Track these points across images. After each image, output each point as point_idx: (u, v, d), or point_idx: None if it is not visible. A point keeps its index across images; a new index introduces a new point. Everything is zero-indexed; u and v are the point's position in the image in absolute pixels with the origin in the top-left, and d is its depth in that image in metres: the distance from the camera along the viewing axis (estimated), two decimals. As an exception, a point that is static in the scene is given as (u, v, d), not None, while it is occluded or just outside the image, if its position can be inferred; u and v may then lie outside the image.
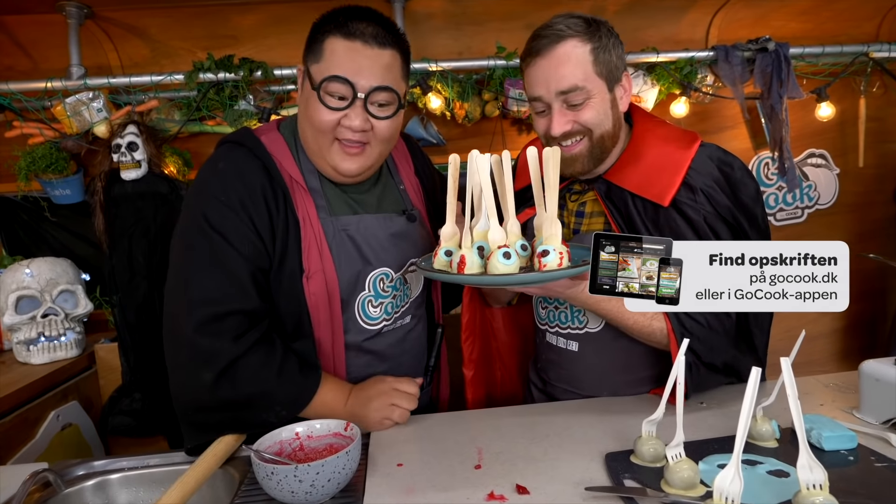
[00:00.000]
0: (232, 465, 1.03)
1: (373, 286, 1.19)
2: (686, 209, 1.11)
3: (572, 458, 0.95)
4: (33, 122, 2.03)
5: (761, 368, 0.74)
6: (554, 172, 0.94)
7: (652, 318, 1.08)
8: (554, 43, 1.10)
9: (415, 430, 1.11)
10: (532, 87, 1.14)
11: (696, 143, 1.16)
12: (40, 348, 1.89)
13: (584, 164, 1.16)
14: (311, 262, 1.10)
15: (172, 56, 2.16)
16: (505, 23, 2.19)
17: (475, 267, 0.96)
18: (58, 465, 1.05)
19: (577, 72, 1.09)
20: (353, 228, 1.16)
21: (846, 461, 0.87)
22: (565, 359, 1.26)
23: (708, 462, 0.88)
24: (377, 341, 1.21)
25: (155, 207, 2.03)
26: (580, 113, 1.11)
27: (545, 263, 0.92)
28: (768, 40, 2.16)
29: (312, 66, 1.09)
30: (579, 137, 1.13)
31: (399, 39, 1.11)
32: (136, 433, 2.02)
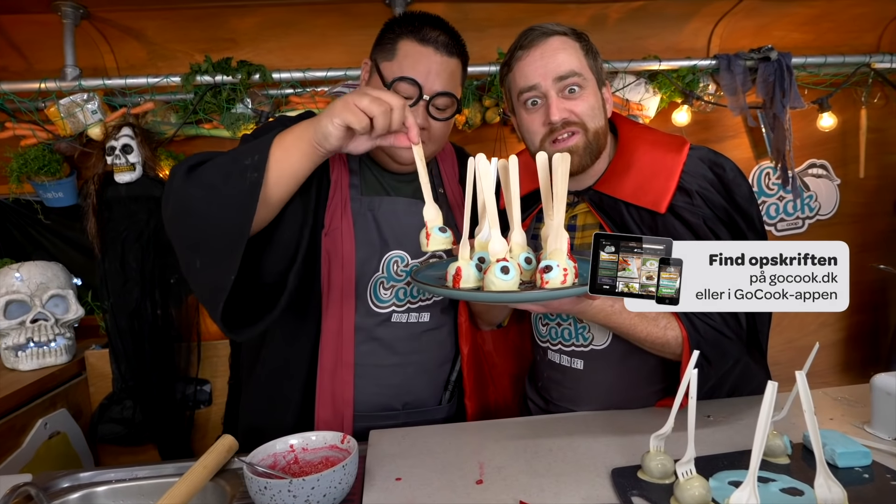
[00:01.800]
0: (223, 477, 0.99)
1: (387, 268, 1.20)
2: (684, 213, 1.09)
3: (577, 473, 0.92)
4: (26, 124, 1.99)
5: (776, 383, 0.71)
6: (563, 180, 0.89)
7: (665, 328, 1.05)
8: (546, 36, 1.12)
9: (414, 442, 1.07)
10: (526, 77, 1.12)
11: (686, 146, 1.15)
12: (29, 354, 1.84)
13: (582, 158, 1.13)
14: (332, 221, 1.15)
15: (169, 58, 2.13)
16: (506, 29, 2.16)
17: (471, 281, 0.89)
18: (41, 478, 1.01)
19: (573, 59, 1.11)
20: (378, 208, 1.20)
21: (861, 479, 0.84)
22: (569, 377, 1.22)
23: (718, 479, 0.84)
24: (386, 329, 1.20)
25: (149, 211, 2.00)
26: (576, 103, 1.10)
27: (547, 280, 0.85)
28: (770, 49, 2.15)
29: (383, 63, 1.15)
30: (575, 129, 1.11)
31: (463, 51, 1.19)
32: (126, 442, 1.98)
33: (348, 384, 1.17)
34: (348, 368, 1.17)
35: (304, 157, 0.98)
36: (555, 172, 0.89)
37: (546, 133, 1.12)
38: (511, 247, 0.93)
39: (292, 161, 0.98)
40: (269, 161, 0.96)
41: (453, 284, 0.90)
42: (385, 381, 1.22)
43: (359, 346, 1.18)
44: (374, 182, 1.23)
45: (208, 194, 0.97)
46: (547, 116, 1.10)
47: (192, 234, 1.00)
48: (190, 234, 1.00)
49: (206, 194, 0.97)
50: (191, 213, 0.98)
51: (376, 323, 1.20)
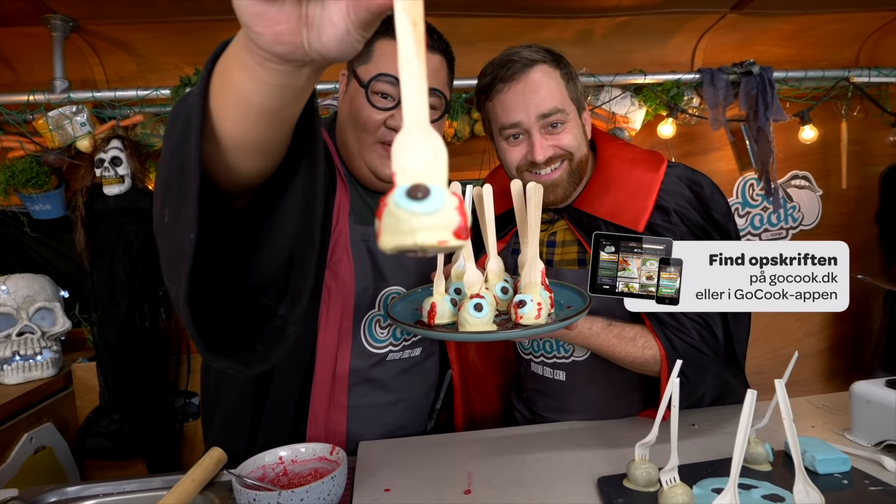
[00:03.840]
0: (212, 490, 0.99)
1: (383, 305, 1.14)
2: (662, 232, 1.10)
3: (564, 482, 0.93)
4: (14, 136, 1.99)
5: (756, 392, 0.73)
6: (536, 211, 0.89)
7: (644, 348, 1.06)
8: (527, 68, 1.09)
9: (403, 453, 1.08)
10: (507, 113, 1.10)
11: (664, 164, 1.16)
12: (14, 368, 1.82)
13: (565, 190, 1.14)
14: (333, 253, 1.07)
15: (159, 71, 2.14)
16: (494, 43, 2.19)
17: (446, 317, 0.90)
18: (28, 492, 1.01)
19: (555, 94, 1.10)
20: (374, 239, 1.12)
21: (840, 485, 0.86)
22: (553, 388, 1.24)
23: (702, 486, 0.86)
24: (381, 369, 1.16)
25: (138, 224, 1.99)
26: (560, 137, 1.11)
27: (521, 315, 0.85)
28: (753, 64, 2.20)
29: (360, 67, 1.08)
30: (559, 163, 1.12)
31: (446, 47, 1.12)
32: (113, 456, 1.96)
33: (341, 426, 1.13)
34: (341, 410, 1.12)
35: (242, 69, 0.58)
36: (528, 202, 0.89)
37: (526, 165, 1.12)
38: (487, 276, 0.93)
39: (233, 77, 0.60)
40: (211, 83, 0.65)
41: (428, 320, 0.90)
42: (378, 420, 1.18)
43: (353, 388, 1.13)
44: (364, 208, 1.15)
45: (166, 140, 0.75)
46: (530, 153, 1.10)
47: (161, 184, 0.74)
48: (159, 185, 0.75)
49: (165, 140, 0.75)
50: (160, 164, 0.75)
51: (371, 364, 1.15)
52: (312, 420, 1.10)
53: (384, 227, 0.35)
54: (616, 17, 2.20)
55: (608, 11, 2.14)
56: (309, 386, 1.09)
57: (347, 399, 1.13)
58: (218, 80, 0.63)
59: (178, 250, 0.67)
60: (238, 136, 0.65)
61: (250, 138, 0.65)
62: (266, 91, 0.57)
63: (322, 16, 0.47)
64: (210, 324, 0.69)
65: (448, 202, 0.35)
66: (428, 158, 0.37)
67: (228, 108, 0.62)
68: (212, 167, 0.68)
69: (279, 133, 0.66)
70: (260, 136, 0.65)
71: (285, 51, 0.50)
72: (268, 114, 0.61)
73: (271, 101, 0.59)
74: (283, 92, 0.58)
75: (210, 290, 0.71)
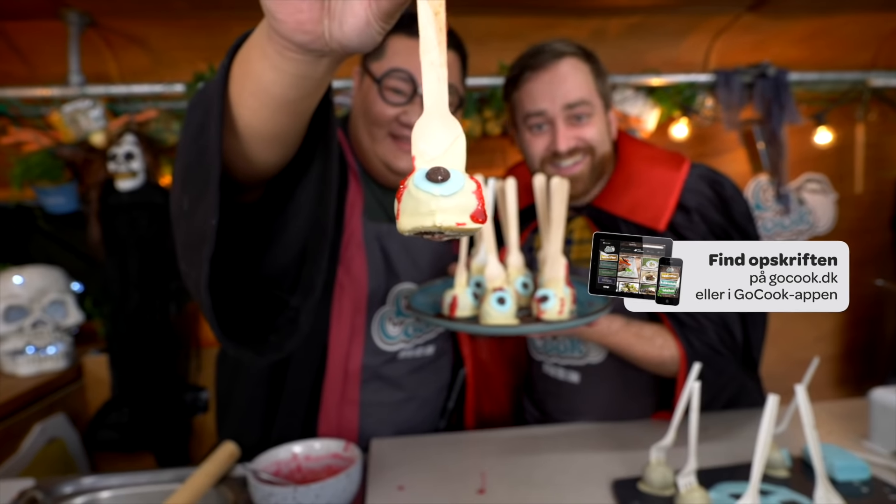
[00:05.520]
0: (227, 485, 0.99)
1: (395, 302, 1.15)
2: (683, 231, 1.10)
3: (578, 484, 0.93)
4: (29, 129, 2.00)
5: (778, 396, 0.72)
6: (561, 206, 0.89)
7: (662, 347, 1.06)
8: (556, 58, 1.10)
9: (416, 451, 1.07)
10: (534, 100, 1.11)
11: (686, 163, 1.15)
12: (27, 359, 1.84)
13: (585, 184, 1.14)
14: (346, 249, 1.07)
15: (173, 66, 2.15)
16: (507, 42, 2.19)
17: (468, 310, 0.90)
18: (45, 483, 1.01)
19: (583, 86, 1.10)
20: (386, 236, 1.13)
21: (860, 493, 0.85)
22: (565, 391, 1.23)
23: (719, 490, 0.85)
24: (393, 367, 1.16)
25: (150, 218, 2.00)
26: (584, 129, 1.10)
27: (544, 310, 0.85)
28: (768, 66, 2.18)
29: (373, 63, 1.09)
30: (581, 157, 1.12)
31: (459, 43, 1.13)
32: (123, 448, 1.97)
33: (353, 422, 1.13)
34: (353, 406, 1.13)
35: (263, 58, 0.58)
36: (553, 198, 0.89)
37: (549, 157, 1.12)
38: (508, 271, 0.93)
39: (253, 66, 0.61)
40: (231, 73, 0.66)
41: (449, 313, 0.90)
42: (389, 418, 1.18)
43: (365, 385, 1.14)
44: (377, 204, 1.16)
45: (185, 128, 0.73)
46: (553, 143, 1.10)
47: (180, 172, 0.74)
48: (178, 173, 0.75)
49: (184, 128, 0.74)
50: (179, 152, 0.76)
51: (382, 361, 1.15)
52: (324, 415, 1.10)
53: (403, 208, 0.36)
54: (630, 17, 2.19)
55: (622, 11, 2.13)
56: (321, 381, 1.10)
57: (359, 395, 1.13)
58: (238, 69, 0.64)
59: (199, 236, 0.67)
60: (256, 126, 0.65)
61: (268, 128, 0.66)
62: (285, 80, 0.58)
63: (344, 6, 0.47)
64: (226, 313, 0.70)
65: (467, 185, 0.36)
66: (447, 144, 0.38)
67: (247, 97, 0.63)
68: (229, 157, 0.68)
69: (296, 123, 0.67)
70: (277, 125, 0.66)
71: (306, 40, 0.50)
72: (286, 104, 0.62)
73: (290, 91, 0.60)
74: (301, 82, 0.58)
75: (225, 280, 0.72)
